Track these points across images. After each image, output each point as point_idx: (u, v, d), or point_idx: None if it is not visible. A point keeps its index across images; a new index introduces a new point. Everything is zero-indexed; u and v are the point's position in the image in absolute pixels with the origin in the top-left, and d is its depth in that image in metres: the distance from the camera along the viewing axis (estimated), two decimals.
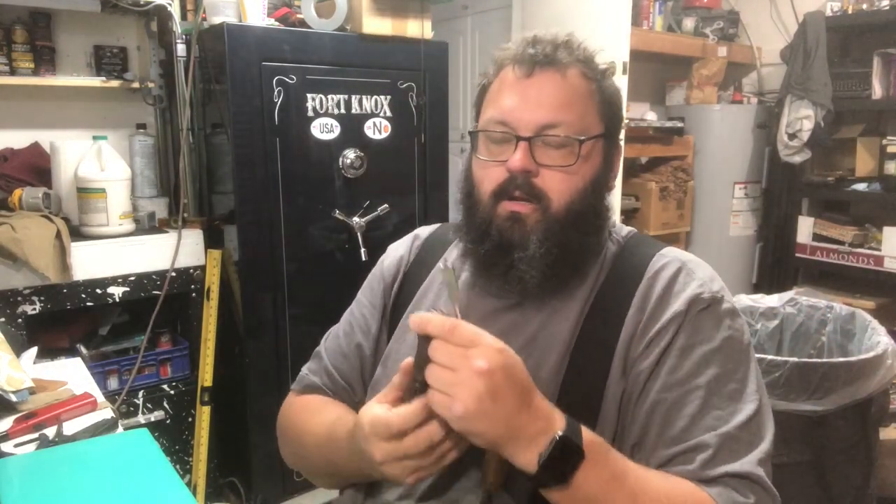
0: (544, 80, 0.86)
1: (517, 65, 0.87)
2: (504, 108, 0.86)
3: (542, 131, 0.84)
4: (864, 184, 3.26)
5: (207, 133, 2.43)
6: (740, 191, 3.64)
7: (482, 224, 0.87)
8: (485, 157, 0.89)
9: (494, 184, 0.87)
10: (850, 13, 3.28)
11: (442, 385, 0.65)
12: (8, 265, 1.88)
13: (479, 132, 0.90)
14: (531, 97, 0.86)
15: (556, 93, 0.86)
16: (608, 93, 0.90)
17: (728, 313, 0.84)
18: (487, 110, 0.90)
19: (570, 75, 0.87)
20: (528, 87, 0.86)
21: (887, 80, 3.19)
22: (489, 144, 0.88)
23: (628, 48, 2.75)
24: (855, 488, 1.86)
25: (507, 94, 0.87)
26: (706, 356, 0.80)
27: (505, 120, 0.86)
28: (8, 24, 2.21)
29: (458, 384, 0.64)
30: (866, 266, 3.23)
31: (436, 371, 0.66)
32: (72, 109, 2.42)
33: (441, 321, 0.67)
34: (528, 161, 0.84)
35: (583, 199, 0.86)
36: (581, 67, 0.88)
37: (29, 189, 2.09)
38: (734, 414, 0.77)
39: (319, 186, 2.28)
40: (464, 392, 0.64)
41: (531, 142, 0.84)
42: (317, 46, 2.22)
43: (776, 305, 2.22)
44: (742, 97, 3.78)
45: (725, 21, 3.68)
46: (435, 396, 0.66)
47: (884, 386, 1.78)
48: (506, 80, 0.88)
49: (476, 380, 0.64)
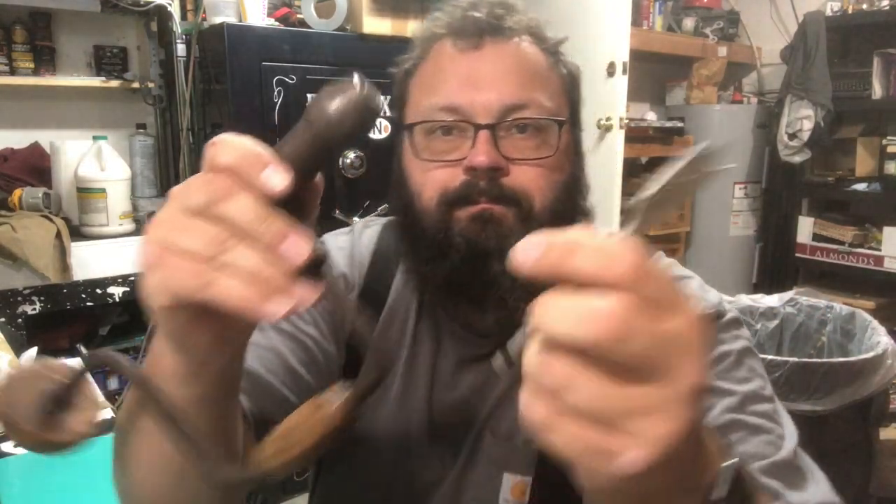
0: (499, 52, 0.67)
1: (457, 36, 0.68)
2: (450, 91, 0.66)
3: (508, 115, 0.65)
4: (864, 184, 3.26)
5: (207, 133, 2.42)
6: (740, 191, 3.64)
7: (435, 236, 0.66)
8: (427, 156, 0.67)
9: (445, 189, 0.66)
10: (850, 13, 3.28)
11: (618, 406, 0.30)
12: (8, 265, 1.88)
13: (416, 125, 0.68)
14: (486, 73, 0.66)
15: (518, 66, 0.67)
16: (569, 68, 0.73)
17: (733, 324, 0.70)
18: (423, 98, 0.69)
19: (527, 46, 0.69)
20: (479, 60, 0.67)
21: (887, 80, 3.19)
22: (433, 140, 0.68)
23: (628, 48, 2.75)
24: (855, 488, 1.86)
25: (450, 72, 0.67)
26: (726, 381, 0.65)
27: (454, 105, 0.66)
28: (8, 24, 2.21)
29: (655, 409, 0.30)
30: (866, 266, 3.23)
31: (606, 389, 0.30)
32: (72, 109, 2.42)
33: (591, 243, 0.31)
34: (495, 155, 0.64)
35: (567, 201, 0.68)
36: (535, 36, 0.71)
37: (29, 189, 2.09)
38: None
39: None
40: (665, 428, 0.30)
41: (494, 130, 0.65)
42: (317, 46, 2.22)
43: (776, 305, 2.22)
44: (742, 97, 3.78)
45: (725, 21, 3.68)
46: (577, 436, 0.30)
47: (884, 386, 1.78)
48: (444, 56, 0.69)
49: (689, 404, 0.30)
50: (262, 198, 0.36)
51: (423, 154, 0.68)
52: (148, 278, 0.37)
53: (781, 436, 0.62)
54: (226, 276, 0.35)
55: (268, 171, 0.36)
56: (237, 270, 0.35)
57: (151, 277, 0.37)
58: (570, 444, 0.30)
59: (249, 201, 0.35)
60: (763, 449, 0.60)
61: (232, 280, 0.35)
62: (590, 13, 2.84)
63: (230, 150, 0.37)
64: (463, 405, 0.73)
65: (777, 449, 0.60)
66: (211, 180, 0.36)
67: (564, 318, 0.29)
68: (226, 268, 0.35)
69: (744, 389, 0.64)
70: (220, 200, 0.35)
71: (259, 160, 0.36)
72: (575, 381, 0.29)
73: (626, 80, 2.76)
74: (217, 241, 0.35)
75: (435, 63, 0.70)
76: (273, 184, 0.36)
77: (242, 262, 0.35)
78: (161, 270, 0.36)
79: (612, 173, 2.81)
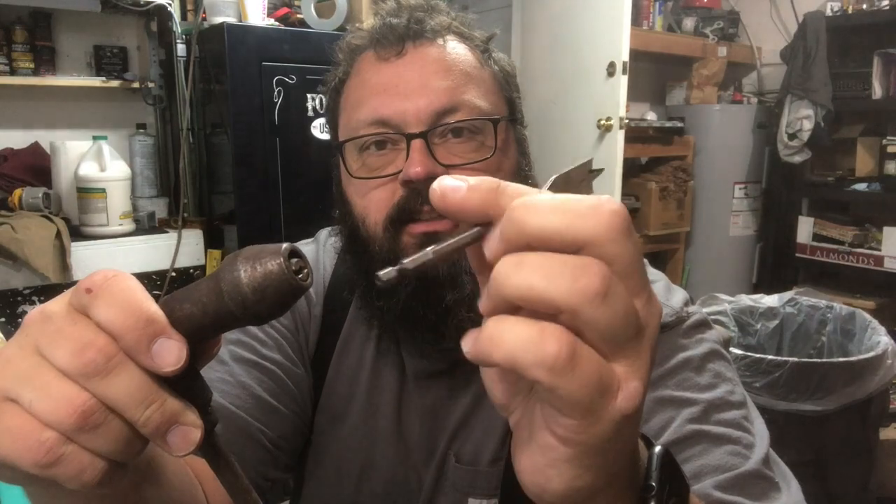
0: (422, 56, 0.65)
1: (379, 46, 0.65)
2: (377, 103, 0.64)
3: (439, 120, 0.63)
4: (864, 184, 3.26)
5: (207, 133, 2.43)
6: (740, 191, 3.64)
7: (386, 266, 0.63)
8: (363, 174, 0.65)
9: (387, 207, 0.63)
10: (850, 13, 3.28)
11: (547, 271, 0.27)
12: (8, 265, 1.88)
13: (347, 143, 0.66)
14: (411, 80, 0.63)
15: (445, 68, 0.64)
16: (501, 64, 0.70)
17: (696, 328, 0.67)
18: (352, 115, 0.66)
19: (453, 46, 0.66)
20: (403, 67, 0.64)
21: (887, 80, 3.19)
22: (365, 157, 0.65)
23: (628, 48, 2.75)
24: (855, 488, 1.86)
25: (375, 84, 0.65)
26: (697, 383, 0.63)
27: (383, 117, 0.63)
28: (8, 24, 2.21)
29: (634, 360, 0.29)
30: (866, 266, 3.23)
31: (528, 260, 0.28)
32: (72, 109, 2.42)
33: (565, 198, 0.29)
34: (430, 164, 0.61)
35: None
36: (461, 35, 0.68)
37: (29, 189, 2.09)
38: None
39: (319, 186, 2.28)
40: (644, 369, 0.29)
41: (427, 138, 0.62)
42: (317, 46, 2.22)
43: (776, 305, 2.22)
44: (742, 97, 3.78)
45: (725, 21, 3.68)
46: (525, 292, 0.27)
47: (884, 386, 1.78)
48: (368, 68, 0.66)
49: (624, 243, 0.28)
50: (147, 373, 0.30)
51: (359, 173, 0.65)
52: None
53: (750, 444, 0.59)
54: (78, 457, 0.29)
55: (160, 343, 0.30)
56: (94, 449, 0.29)
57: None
58: (586, 382, 0.27)
59: (132, 383, 0.29)
60: (727, 460, 0.57)
61: (82, 462, 0.29)
62: (590, 13, 2.85)
63: (116, 307, 0.29)
64: (427, 429, 0.71)
65: (744, 459, 0.58)
66: (87, 342, 0.29)
67: (552, 276, 0.26)
68: (83, 444, 0.29)
69: (707, 397, 0.61)
70: (95, 376, 0.29)
71: (151, 328, 0.30)
72: (577, 348, 0.27)
73: (626, 80, 2.76)
74: (81, 415, 0.28)
75: (359, 77, 0.67)
76: (166, 363, 0.30)
77: (101, 447, 0.29)
78: (2, 427, 0.29)
79: (612, 173, 2.81)
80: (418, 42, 0.65)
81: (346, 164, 0.66)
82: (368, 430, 0.73)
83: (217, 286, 0.31)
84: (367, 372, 0.73)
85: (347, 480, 0.74)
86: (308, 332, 0.75)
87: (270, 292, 0.31)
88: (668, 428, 0.60)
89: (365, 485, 0.73)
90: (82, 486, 0.29)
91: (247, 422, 0.66)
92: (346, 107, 0.68)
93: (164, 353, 0.30)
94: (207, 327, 0.32)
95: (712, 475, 0.57)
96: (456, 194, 0.29)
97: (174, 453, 0.30)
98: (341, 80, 0.70)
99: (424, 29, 0.66)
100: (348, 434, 0.73)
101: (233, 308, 0.31)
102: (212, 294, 0.31)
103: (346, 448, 0.74)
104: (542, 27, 3.08)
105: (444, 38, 0.66)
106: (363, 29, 0.69)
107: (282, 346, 0.72)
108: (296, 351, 0.73)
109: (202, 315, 0.32)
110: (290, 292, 0.32)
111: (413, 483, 0.72)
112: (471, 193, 0.29)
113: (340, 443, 0.74)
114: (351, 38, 0.70)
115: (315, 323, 0.75)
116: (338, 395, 0.74)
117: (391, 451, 0.73)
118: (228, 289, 0.31)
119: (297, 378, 0.72)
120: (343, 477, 0.74)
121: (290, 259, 0.32)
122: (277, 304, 0.32)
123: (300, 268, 0.32)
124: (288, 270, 0.31)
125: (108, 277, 0.30)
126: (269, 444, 0.68)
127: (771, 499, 0.57)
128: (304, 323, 0.75)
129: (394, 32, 0.65)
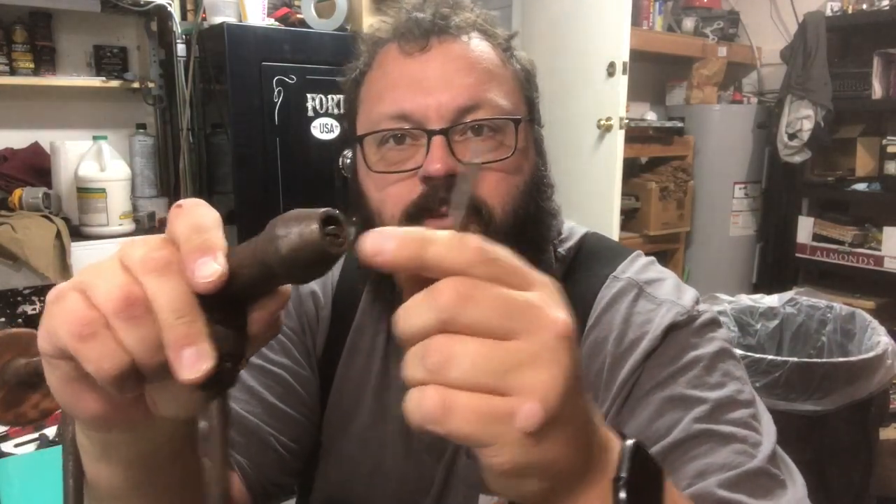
0: (447, 52, 0.65)
1: (403, 40, 0.65)
2: (399, 97, 0.64)
3: (461, 117, 0.63)
4: (864, 184, 3.26)
5: (207, 133, 2.43)
6: (740, 191, 3.64)
7: None
8: (381, 168, 0.65)
9: (405, 202, 0.63)
10: (850, 13, 3.28)
11: (484, 367, 0.31)
12: (8, 265, 1.88)
13: (367, 136, 0.66)
14: (435, 76, 0.63)
15: (468, 65, 0.64)
16: (523, 63, 0.71)
17: (707, 326, 0.68)
18: (373, 108, 0.66)
19: (477, 43, 0.66)
20: (427, 63, 0.64)
21: (887, 80, 3.19)
22: (385, 151, 0.65)
23: (628, 48, 2.75)
24: (855, 488, 1.86)
25: (397, 78, 0.65)
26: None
27: (405, 112, 0.63)
28: (8, 24, 2.21)
29: (531, 360, 0.32)
30: (866, 266, 3.23)
31: (456, 345, 0.32)
32: (72, 109, 2.42)
33: (440, 237, 0.33)
34: (451, 161, 0.61)
35: (528, 205, 0.66)
36: (485, 32, 0.68)
37: (29, 189, 2.09)
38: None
39: (319, 186, 2.28)
40: (546, 374, 0.32)
41: (448, 135, 0.62)
42: (317, 46, 2.22)
43: (776, 305, 2.22)
44: (742, 97, 3.78)
45: (725, 21, 3.68)
46: (453, 401, 0.32)
47: (884, 386, 1.78)
48: (391, 61, 0.66)
49: (560, 349, 0.32)
50: (192, 293, 0.33)
51: (377, 166, 0.65)
52: (47, 314, 0.34)
53: (757, 443, 0.60)
54: (107, 342, 0.32)
55: (203, 261, 0.33)
56: (122, 340, 0.32)
57: (49, 313, 0.34)
58: (468, 420, 0.31)
59: (176, 289, 0.32)
60: (733, 459, 0.58)
61: (108, 347, 0.32)
62: (590, 13, 2.85)
63: (186, 222, 0.34)
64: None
65: (749, 458, 0.58)
66: (156, 247, 0.34)
67: (417, 310, 0.32)
68: (116, 332, 0.32)
69: (716, 396, 0.62)
70: (150, 272, 0.33)
71: (204, 244, 0.33)
72: (453, 350, 0.31)
73: (626, 80, 2.76)
74: (124, 301, 0.32)
75: (382, 70, 0.67)
76: (200, 275, 0.32)
77: (129, 340, 0.32)
78: (60, 306, 0.33)
79: (612, 173, 2.81)
80: (443, 38, 0.65)
81: (366, 158, 0.66)
82: (378, 429, 0.73)
83: (259, 245, 0.34)
84: (376, 371, 0.73)
85: (358, 479, 0.74)
86: (316, 334, 0.75)
87: (303, 255, 0.32)
88: (677, 427, 0.61)
89: (376, 483, 0.73)
90: (100, 375, 0.32)
91: (258, 426, 0.67)
92: (367, 99, 0.68)
93: (203, 268, 0.32)
94: (247, 273, 0.34)
95: (717, 473, 0.57)
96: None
97: (181, 374, 0.32)
98: (362, 72, 0.69)
99: (449, 25, 0.65)
100: (358, 433, 0.73)
101: (268, 260, 0.33)
102: (256, 246, 0.34)
103: (357, 447, 0.74)
104: (542, 27, 3.08)
105: (468, 34, 0.66)
106: (387, 22, 0.69)
107: (289, 350, 0.72)
108: (302, 353, 0.73)
109: (245, 260, 0.34)
110: (323, 257, 0.33)
111: (424, 480, 0.72)
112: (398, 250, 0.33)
113: (350, 443, 0.74)
114: (375, 30, 0.70)
115: (323, 324, 0.75)
116: (347, 396, 0.74)
117: (401, 450, 0.72)
118: (267, 247, 0.33)
119: (304, 381, 0.72)
120: (354, 476, 0.74)
121: (328, 225, 0.33)
122: (312, 267, 0.33)
123: (337, 233, 0.33)
124: (321, 235, 0.33)
125: (196, 202, 0.36)
126: (281, 449, 0.69)
127: (775, 496, 0.57)
128: (312, 325, 0.75)
129: (419, 27, 0.65)
